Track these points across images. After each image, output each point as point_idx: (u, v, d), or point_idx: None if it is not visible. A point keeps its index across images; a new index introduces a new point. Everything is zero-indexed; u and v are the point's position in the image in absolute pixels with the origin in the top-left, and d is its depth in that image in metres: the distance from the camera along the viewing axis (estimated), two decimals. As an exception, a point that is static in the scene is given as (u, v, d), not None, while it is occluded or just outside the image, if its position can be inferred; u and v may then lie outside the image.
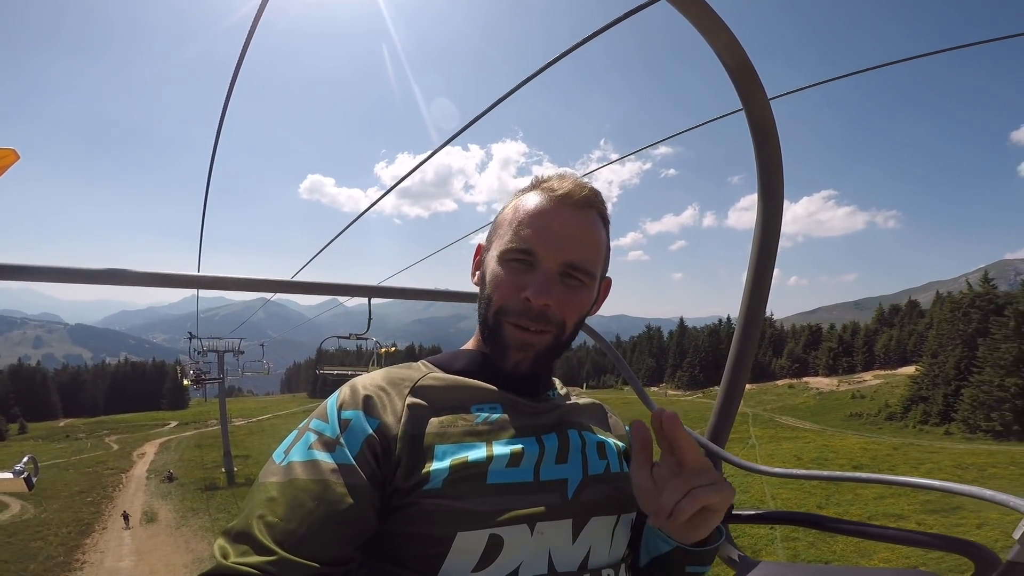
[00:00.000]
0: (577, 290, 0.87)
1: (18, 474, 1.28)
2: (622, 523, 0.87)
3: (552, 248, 0.85)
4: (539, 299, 0.83)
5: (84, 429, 66.36)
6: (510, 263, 0.87)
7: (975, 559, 0.91)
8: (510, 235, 0.87)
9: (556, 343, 0.88)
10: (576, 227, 0.87)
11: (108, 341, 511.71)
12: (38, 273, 1.11)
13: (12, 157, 1.10)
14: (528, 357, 0.87)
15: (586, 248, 0.87)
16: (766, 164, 1.14)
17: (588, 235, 0.88)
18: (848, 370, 78.86)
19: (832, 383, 73.44)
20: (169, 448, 47.31)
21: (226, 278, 1.33)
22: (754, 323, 1.30)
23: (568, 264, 0.85)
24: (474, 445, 0.79)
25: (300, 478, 0.73)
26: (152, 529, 24.37)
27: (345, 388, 0.84)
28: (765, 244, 1.22)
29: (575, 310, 0.87)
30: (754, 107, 1.05)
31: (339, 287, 1.67)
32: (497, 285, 0.87)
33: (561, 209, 0.87)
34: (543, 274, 0.84)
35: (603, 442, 0.93)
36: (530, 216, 0.87)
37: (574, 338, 0.93)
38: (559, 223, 0.86)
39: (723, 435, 1.41)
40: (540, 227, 0.85)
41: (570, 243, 0.85)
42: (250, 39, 1.97)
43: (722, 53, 0.95)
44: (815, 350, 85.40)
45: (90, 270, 1.15)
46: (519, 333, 0.86)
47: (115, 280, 1.17)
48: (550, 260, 0.85)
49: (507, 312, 0.86)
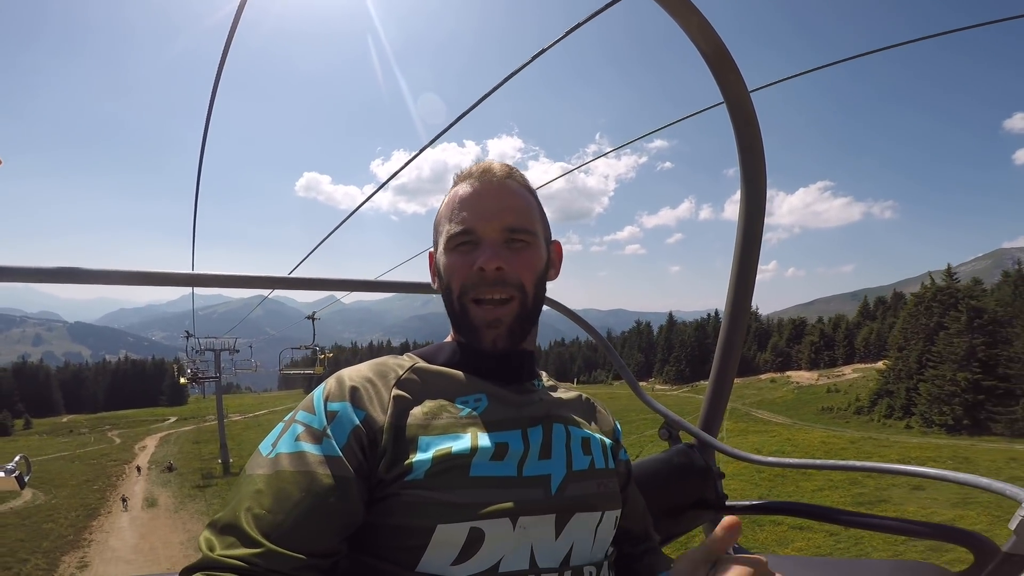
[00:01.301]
0: (523, 250, 0.90)
1: (9, 472, 1.27)
2: (606, 520, 0.87)
3: (489, 219, 0.88)
4: (490, 264, 0.85)
5: (87, 424, 68.66)
6: (456, 248, 0.90)
7: (974, 549, 0.92)
8: (449, 225, 0.91)
9: (523, 310, 0.90)
10: (505, 196, 0.91)
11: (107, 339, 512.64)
12: (34, 275, 1.11)
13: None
14: (501, 332, 0.88)
15: (519, 211, 0.91)
16: (747, 147, 1.14)
17: (517, 200, 0.92)
18: (829, 364, 79.78)
19: (812, 377, 74.63)
20: (169, 441, 49.79)
21: (216, 275, 1.31)
22: (742, 309, 1.30)
23: (507, 228, 0.89)
24: (458, 436, 0.79)
25: (287, 470, 0.73)
26: (152, 512, 26.57)
27: (331, 380, 0.84)
28: (750, 229, 1.22)
29: (529, 268, 0.90)
30: (731, 90, 1.06)
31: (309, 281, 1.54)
32: (452, 270, 0.90)
33: (486, 186, 0.91)
34: (488, 244, 0.87)
35: (588, 437, 0.93)
36: (461, 202, 0.91)
37: (541, 303, 0.94)
38: (488, 197, 0.90)
39: (715, 424, 1.42)
40: (472, 207, 0.89)
41: (504, 210, 0.89)
42: (232, 36, 2.00)
43: (695, 37, 0.96)
44: (798, 344, 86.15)
45: (84, 270, 1.15)
46: (484, 311, 0.88)
47: (107, 280, 1.18)
48: (490, 231, 0.88)
49: (467, 290, 0.88)
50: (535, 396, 0.92)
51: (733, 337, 1.33)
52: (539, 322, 0.98)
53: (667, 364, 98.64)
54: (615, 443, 1.04)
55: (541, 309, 0.95)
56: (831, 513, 1.12)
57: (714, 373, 1.39)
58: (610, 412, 1.10)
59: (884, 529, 1.06)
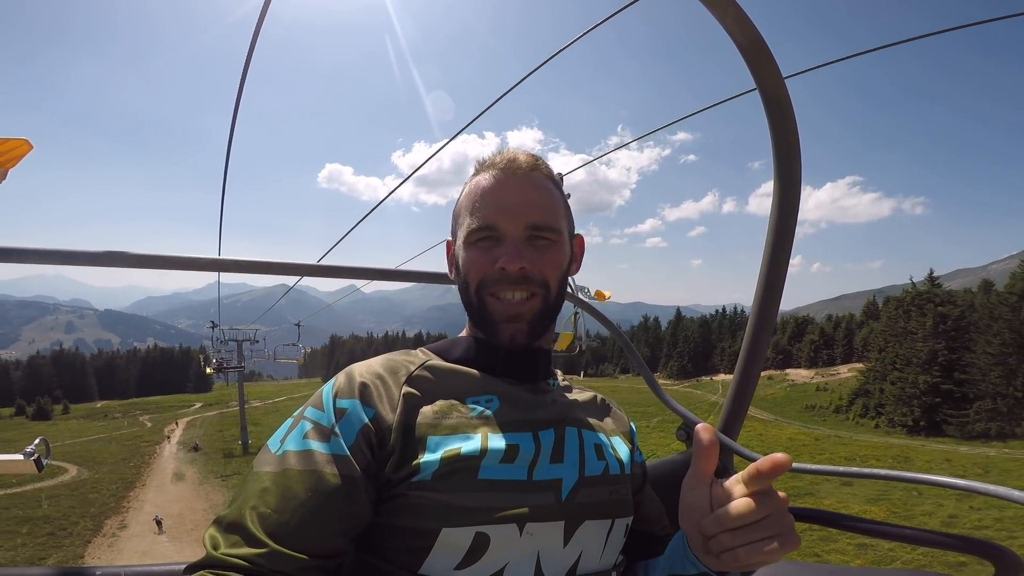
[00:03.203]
0: (548, 248, 0.87)
1: (28, 456, 1.29)
2: (617, 528, 0.84)
3: (512, 216, 0.85)
4: (513, 264, 0.82)
5: (119, 410, 73.66)
6: (477, 244, 0.86)
7: (996, 562, 0.88)
8: (470, 219, 0.87)
9: (545, 306, 0.87)
10: (529, 190, 0.87)
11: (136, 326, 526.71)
12: (81, 258, 1.19)
13: (25, 147, 1.09)
14: (522, 328, 0.86)
15: (544, 207, 0.87)
16: (782, 143, 1.08)
17: (542, 195, 0.88)
18: (828, 362, 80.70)
19: (809, 375, 75.50)
20: (195, 425, 54.50)
21: (244, 262, 1.33)
22: (770, 308, 1.24)
23: (531, 226, 0.85)
24: (468, 437, 0.77)
25: (294, 468, 0.72)
26: (181, 485, 30.63)
27: (341, 375, 0.82)
28: (782, 226, 1.17)
29: (553, 267, 0.87)
30: (767, 84, 1.00)
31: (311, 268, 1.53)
32: (471, 266, 0.87)
33: (510, 178, 0.87)
34: (511, 242, 0.84)
35: (602, 442, 0.89)
36: (483, 194, 0.87)
37: (562, 300, 0.92)
38: (512, 191, 0.86)
39: (736, 426, 1.37)
40: (495, 201, 0.86)
41: (528, 206, 0.86)
42: (259, 29, 1.99)
43: (731, 29, 0.91)
44: (799, 342, 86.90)
45: (119, 253, 1.20)
46: (504, 305, 0.85)
47: (140, 264, 1.22)
48: (514, 228, 0.85)
49: (486, 285, 0.85)
50: (549, 397, 0.90)
51: (760, 338, 1.26)
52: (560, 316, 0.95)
53: (671, 359, 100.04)
54: (631, 446, 1.00)
55: (562, 306, 0.93)
56: (849, 521, 1.05)
57: (737, 374, 1.32)
58: (625, 413, 1.06)
59: (904, 539, 0.99)
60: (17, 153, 1.13)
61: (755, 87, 1.01)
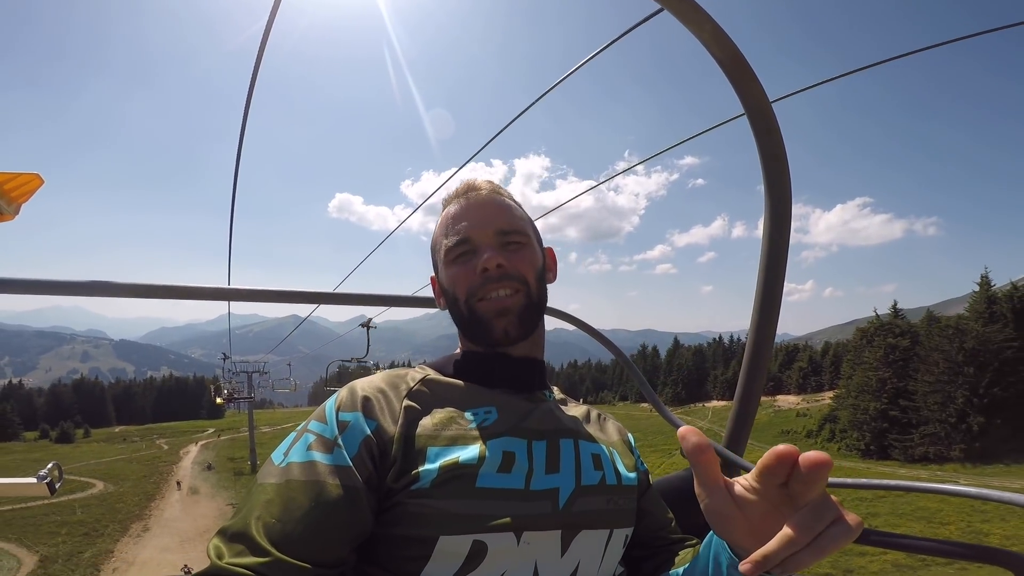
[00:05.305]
0: (519, 249, 0.92)
1: (41, 479, 1.30)
2: (615, 539, 0.85)
3: (481, 226, 0.91)
4: (491, 261, 0.87)
5: (137, 434, 78.32)
6: (456, 260, 0.92)
7: (1016, 571, 0.88)
8: (445, 240, 0.93)
9: (529, 301, 0.91)
10: (492, 205, 0.94)
11: (150, 356, 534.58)
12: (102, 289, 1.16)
13: (37, 182, 1.08)
14: (512, 321, 0.89)
15: (509, 216, 0.94)
16: (770, 156, 1.11)
17: (505, 208, 0.95)
18: (816, 388, 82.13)
19: (797, 401, 76.91)
20: (208, 448, 58.88)
21: (254, 291, 1.34)
22: (769, 323, 1.26)
23: (500, 231, 0.92)
24: (466, 447, 0.78)
25: (297, 479, 0.72)
26: (195, 498, 34.79)
27: (344, 390, 0.85)
28: (775, 242, 1.19)
29: (528, 265, 0.92)
30: (750, 99, 1.02)
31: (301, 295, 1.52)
32: (456, 281, 0.91)
33: (472, 200, 0.95)
34: (486, 247, 0.90)
35: (599, 452, 0.91)
36: (453, 219, 0.94)
37: (545, 298, 0.96)
38: (477, 208, 0.93)
39: (741, 443, 1.37)
40: (465, 219, 0.93)
41: (493, 216, 0.93)
42: (259, 62, 1.99)
43: (709, 44, 0.94)
44: (789, 369, 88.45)
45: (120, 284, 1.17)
46: (492, 304, 0.89)
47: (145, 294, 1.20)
48: (485, 236, 0.91)
49: (473, 293, 0.89)
50: (545, 408, 0.92)
51: (760, 353, 1.27)
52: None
53: (666, 386, 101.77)
54: (631, 456, 1.02)
55: (546, 304, 0.97)
56: (865, 533, 1.01)
57: (739, 392, 1.33)
58: (622, 425, 1.08)
59: (922, 550, 0.97)
60: (29, 188, 1.16)
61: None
